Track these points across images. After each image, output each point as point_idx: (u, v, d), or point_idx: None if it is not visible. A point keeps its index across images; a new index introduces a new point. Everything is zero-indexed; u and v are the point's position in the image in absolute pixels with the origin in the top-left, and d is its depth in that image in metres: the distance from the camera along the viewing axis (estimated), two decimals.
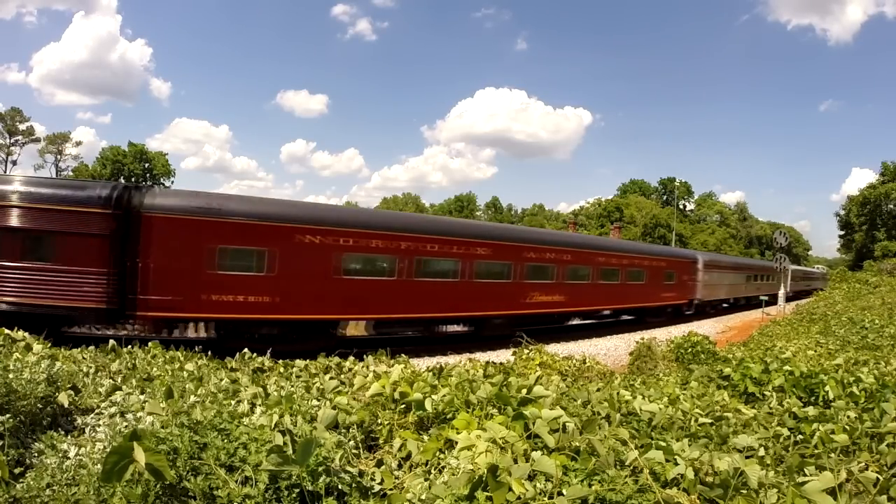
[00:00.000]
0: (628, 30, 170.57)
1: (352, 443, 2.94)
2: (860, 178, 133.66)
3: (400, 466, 2.81)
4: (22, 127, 71.02)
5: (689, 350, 11.16)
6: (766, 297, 32.38)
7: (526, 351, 9.69)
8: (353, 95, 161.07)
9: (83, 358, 5.41)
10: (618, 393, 4.29)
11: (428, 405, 3.24)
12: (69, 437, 2.93)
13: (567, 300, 19.82)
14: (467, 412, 3.12)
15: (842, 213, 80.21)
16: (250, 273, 13.00)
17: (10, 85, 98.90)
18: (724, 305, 34.61)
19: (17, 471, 2.46)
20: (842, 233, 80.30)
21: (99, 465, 2.09)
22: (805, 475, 2.54)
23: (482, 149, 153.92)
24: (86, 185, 14.78)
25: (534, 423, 2.70)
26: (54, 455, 2.54)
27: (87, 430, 3.09)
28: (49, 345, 5.51)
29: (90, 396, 3.65)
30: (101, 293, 11.68)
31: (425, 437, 2.96)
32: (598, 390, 4.66)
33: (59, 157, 73.17)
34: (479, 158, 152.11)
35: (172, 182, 75.03)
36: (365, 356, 6.60)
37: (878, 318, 16.17)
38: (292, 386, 4.52)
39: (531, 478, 2.23)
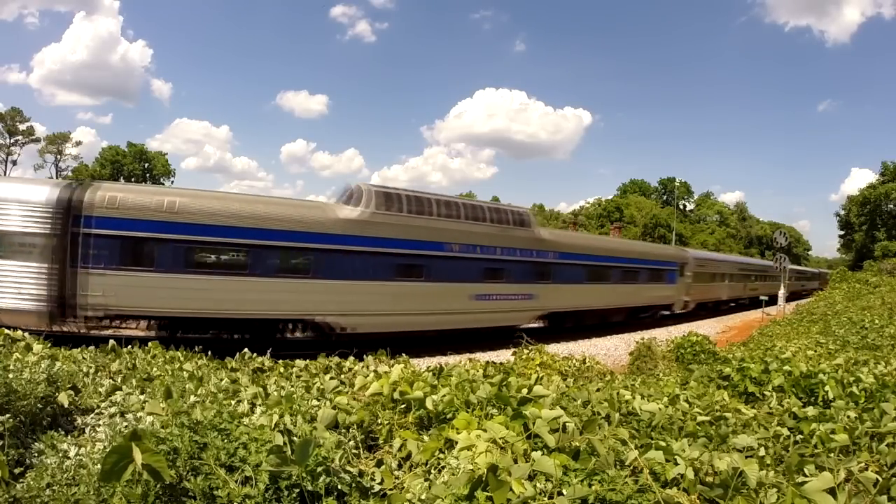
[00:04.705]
0: (627, 31, 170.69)
1: (352, 443, 2.94)
2: (860, 179, 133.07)
3: (400, 466, 2.81)
4: (22, 127, 70.83)
5: (689, 350, 11.15)
6: (765, 297, 32.37)
7: (526, 351, 9.69)
8: (353, 96, 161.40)
9: (83, 358, 5.41)
10: (618, 393, 4.29)
11: (428, 403, 3.24)
12: (69, 437, 2.93)
13: None
14: (467, 412, 3.11)
15: (842, 213, 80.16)
16: None
17: (11, 85, 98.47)
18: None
19: (17, 471, 2.46)
20: (842, 233, 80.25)
21: (99, 465, 2.09)
22: (805, 475, 2.54)
23: (482, 149, 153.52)
24: None
25: (534, 423, 2.69)
26: (54, 455, 2.54)
27: (87, 430, 3.09)
28: (49, 345, 5.51)
29: (90, 396, 3.65)
30: None
31: (425, 437, 2.96)
32: (598, 390, 4.66)
33: (59, 157, 73.10)
34: (478, 158, 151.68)
35: (172, 182, 75.06)
36: (365, 356, 6.60)
37: (878, 318, 16.13)
38: (292, 386, 4.52)
39: (531, 478, 2.23)
